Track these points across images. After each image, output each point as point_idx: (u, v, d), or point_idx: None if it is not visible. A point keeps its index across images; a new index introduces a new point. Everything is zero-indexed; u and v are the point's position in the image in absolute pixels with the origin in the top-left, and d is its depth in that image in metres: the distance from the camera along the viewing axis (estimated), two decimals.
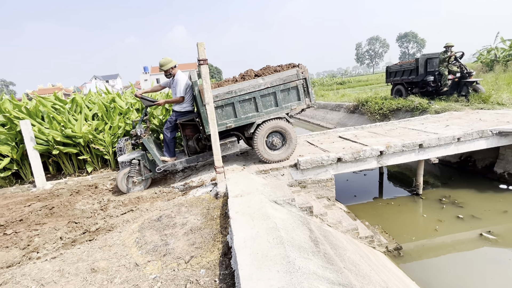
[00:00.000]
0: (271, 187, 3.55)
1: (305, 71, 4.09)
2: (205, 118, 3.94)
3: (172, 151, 4.47)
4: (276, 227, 2.36)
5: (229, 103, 4.00)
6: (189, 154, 4.44)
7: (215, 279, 2.08)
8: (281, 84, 4.04)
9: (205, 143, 4.43)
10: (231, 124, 4.07)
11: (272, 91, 4.05)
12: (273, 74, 4.06)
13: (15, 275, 2.37)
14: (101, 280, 2.20)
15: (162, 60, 4.27)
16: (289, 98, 4.15)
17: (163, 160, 4.35)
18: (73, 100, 6.31)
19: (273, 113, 4.13)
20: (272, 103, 4.12)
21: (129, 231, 2.97)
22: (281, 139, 4.29)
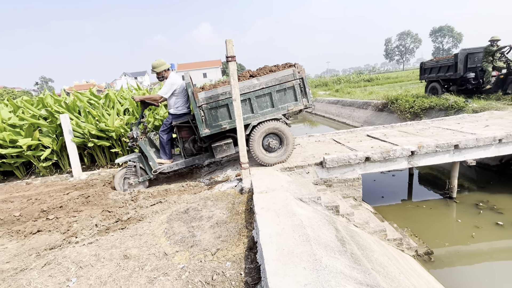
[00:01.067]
0: (296, 184, 3.52)
1: (301, 70, 3.97)
2: (199, 120, 3.93)
3: (168, 153, 4.46)
4: (302, 225, 2.35)
5: (223, 104, 3.93)
6: (186, 156, 4.43)
7: (241, 272, 2.11)
8: (277, 84, 3.94)
9: (200, 145, 4.39)
10: (225, 126, 4.01)
11: (267, 92, 3.95)
12: (268, 74, 3.96)
13: (57, 257, 2.56)
14: (133, 267, 2.32)
15: (155, 62, 4.23)
16: (285, 98, 4.03)
17: (160, 163, 4.36)
18: (107, 96, 6.66)
19: (269, 114, 4.04)
20: (267, 104, 4.02)
21: (158, 221, 3.09)
22: (278, 141, 4.17)
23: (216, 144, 4.09)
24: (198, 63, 60.47)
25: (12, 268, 2.48)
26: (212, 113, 3.94)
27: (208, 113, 3.92)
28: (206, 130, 3.97)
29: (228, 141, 4.12)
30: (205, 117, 3.92)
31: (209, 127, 3.97)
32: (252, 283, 1.98)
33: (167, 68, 4.26)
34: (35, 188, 5.09)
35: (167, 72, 4.29)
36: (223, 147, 4.10)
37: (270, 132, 4.05)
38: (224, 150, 4.11)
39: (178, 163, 4.33)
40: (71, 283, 2.19)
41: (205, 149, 4.41)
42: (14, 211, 3.89)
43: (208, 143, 4.27)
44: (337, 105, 16.94)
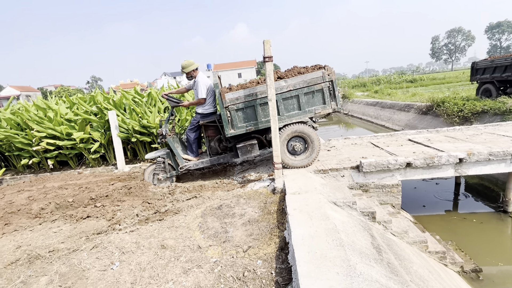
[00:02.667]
0: (330, 187, 3.44)
1: (331, 73, 3.84)
2: (225, 121, 3.96)
3: (195, 151, 4.56)
4: (336, 229, 2.29)
5: (250, 105, 3.91)
6: (211, 154, 4.48)
7: (272, 272, 2.12)
8: (305, 86, 3.84)
9: (226, 144, 4.39)
10: (251, 127, 4.00)
11: (295, 94, 3.87)
12: (296, 76, 3.88)
13: (103, 241, 2.79)
14: (169, 256, 2.45)
15: (184, 62, 4.36)
16: (313, 101, 3.92)
17: (186, 159, 4.46)
18: (149, 95, 7.07)
19: (295, 117, 3.96)
20: (294, 106, 3.94)
21: (193, 215, 3.22)
22: (303, 145, 4.08)
23: (241, 144, 4.11)
24: (233, 63, 61.68)
25: (66, 248, 2.76)
26: (238, 114, 3.96)
27: (234, 114, 3.94)
28: (232, 131, 3.99)
29: (252, 142, 4.11)
30: (231, 117, 3.94)
31: (234, 127, 3.99)
32: (283, 283, 1.98)
33: (195, 67, 4.38)
34: (85, 178, 5.59)
35: (196, 71, 4.42)
36: (247, 148, 4.10)
37: (295, 135, 3.99)
38: (248, 151, 4.11)
39: (204, 161, 4.41)
40: (114, 266, 2.37)
41: (230, 149, 4.44)
42: (68, 197, 4.31)
43: (233, 143, 4.29)
44: (376, 107, 16.16)
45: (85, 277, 2.28)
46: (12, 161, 6.69)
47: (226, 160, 4.43)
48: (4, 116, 6.51)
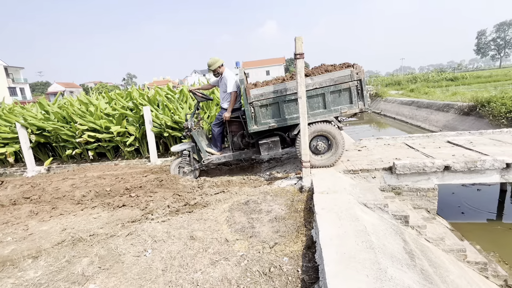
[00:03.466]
0: (360, 188, 3.33)
1: (360, 71, 3.69)
2: (249, 116, 3.95)
3: (218, 145, 4.61)
4: (366, 231, 2.22)
5: (274, 102, 3.88)
6: (234, 149, 4.50)
7: (298, 269, 2.11)
8: (332, 85, 3.74)
9: (248, 140, 4.39)
10: (274, 124, 3.97)
11: (320, 92, 3.78)
12: (323, 74, 3.78)
13: (137, 229, 2.96)
14: (198, 247, 2.53)
15: (209, 60, 4.42)
16: (339, 100, 3.81)
17: (209, 153, 4.52)
18: (181, 91, 7.32)
19: (320, 116, 3.87)
20: (320, 105, 3.85)
21: (221, 209, 3.30)
22: (327, 144, 3.98)
23: (263, 141, 4.09)
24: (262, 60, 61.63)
25: (104, 233, 2.97)
26: (262, 111, 3.95)
27: (258, 110, 3.94)
28: (255, 127, 3.99)
29: (275, 139, 4.08)
30: (255, 113, 3.95)
31: (257, 123, 3.98)
32: (309, 282, 1.97)
33: (220, 64, 4.44)
34: (121, 169, 5.95)
35: (222, 68, 4.47)
36: (269, 145, 4.08)
37: (319, 134, 3.91)
38: (270, 148, 4.09)
39: (226, 155, 4.47)
40: (147, 253, 2.50)
41: (252, 145, 4.44)
42: (106, 187, 4.62)
43: (256, 139, 4.28)
44: (411, 106, 15.32)
45: (121, 261, 2.43)
46: (59, 151, 7.29)
47: (248, 156, 4.46)
48: (52, 110, 7.10)
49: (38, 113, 7.22)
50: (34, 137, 6.82)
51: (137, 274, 2.23)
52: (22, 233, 3.31)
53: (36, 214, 4.09)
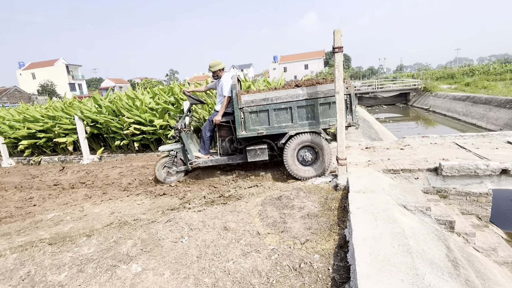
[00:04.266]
0: (400, 189, 3.15)
1: (349, 86, 3.70)
2: (238, 122, 3.95)
3: (207, 148, 4.56)
4: (404, 234, 2.10)
5: (264, 109, 3.90)
6: (221, 154, 4.48)
7: (329, 268, 2.08)
8: (322, 97, 3.76)
9: (236, 146, 4.38)
10: (262, 131, 3.97)
11: (310, 103, 3.79)
12: (314, 86, 3.82)
13: (175, 217, 3.15)
14: (230, 238, 2.62)
15: (212, 62, 4.45)
16: (328, 113, 3.82)
17: (197, 156, 4.48)
18: None
19: (309, 127, 3.87)
20: (309, 116, 3.86)
21: (254, 203, 3.36)
22: (314, 155, 3.99)
23: (251, 147, 4.10)
24: (300, 54, 60.34)
25: (146, 219, 3.21)
26: (251, 117, 3.97)
27: (248, 116, 3.96)
28: (243, 132, 4.01)
29: (262, 147, 4.09)
30: (244, 119, 3.97)
31: (246, 129, 4.01)
32: (340, 281, 1.94)
33: (222, 67, 4.47)
34: None
35: (222, 72, 4.49)
36: (256, 152, 4.09)
37: (306, 144, 3.93)
38: (257, 155, 4.09)
39: (213, 159, 4.43)
40: (184, 240, 2.66)
41: (240, 151, 4.42)
42: (149, 176, 4.97)
43: (244, 145, 4.28)
44: (466, 102, 13.91)
45: (161, 245, 2.62)
46: (109, 142, 7.99)
47: (235, 161, 4.39)
48: (104, 104, 7.79)
49: (92, 107, 7.98)
50: (88, 128, 7.56)
51: (174, 259, 2.39)
52: (79, 214, 3.72)
53: (90, 197, 4.56)
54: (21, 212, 4.17)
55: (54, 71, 47.73)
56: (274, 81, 8.74)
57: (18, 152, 8.64)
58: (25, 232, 3.31)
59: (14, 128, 8.25)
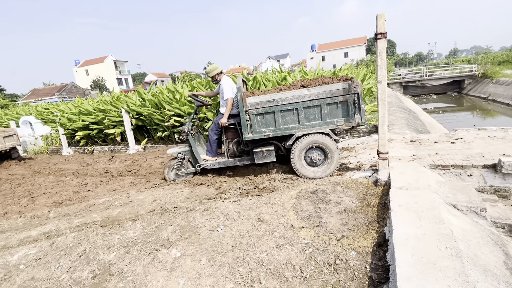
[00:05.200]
0: (450, 187, 2.88)
1: (358, 85, 3.56)
2: (244, 124, 3.91)
3: (214, 151, 4.55)
4: (452, 236, 1.93)
5: (270, 111, 3.85)
6: (228, 156, 4.44)
7: (366, 266, 2.00)
8: (328, 97, 3.67)
9: (243, 148, 4.33)
10: (269, 133, 3.93)
11: (317, 104, 3.72)
12: (320, 86, 3.73)
13: (212, 206, 3.26)
14: (264, 230, 2.64)
15: (208, 68, 4.49)
16: (336, 113, 3.73)
17: (204, 159, 4.49)
18: (255, 78, 7.52)
19: (316, 127, 3.81)
20: (316, 116, 3.79)
21: (288, 196, 3.34)
22: (322, 157, 3.90)
23: (258, 149, 4.06)
24: (340, 42, 57.55)
25: (185, 207, 3.37)
26: (257, 119, 3.92)
27: (254, 119, 3.91)
28: (250, 135, 3.97)
29: (269, 148, 4.04)
30: (250, 121, 3.92)
31: (252, 132, 3.97)
32: (378, 281, 1.85)
33: (219, 71, 4.46)
34: None
35: (220, 75, 4.48)
36: (264, 154, 4.05)
37: (314, 145, 3.84)
38: (264, 157, 4.05)
39: (220, 162, 4.43)
40: (220, 229, 2.74)
41: (247, 153, 4.37)
42: None
43: (251, 147, 4.23)
44: None
45: (198, 233, 2.74)
46: (152, 133, 8.51)
47: (242, 163, 4.37)
48: (147, 97, 8.27)
49: (137, 100, 8.52)
50: (134, 120, 8.10)
51: (210, 246, 2.48)
52: (125, 200, 4.04)
53: (135, 185, 4.92)
54: (78, 196, 4.65)
55: (104, 68, 51.85)
56: (311, 71, 8.50)
57: (75, 142, 9.61)
58: (81, 214, 3.69)
59: (71, 120, 9.17)
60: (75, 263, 2.52)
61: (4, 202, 4.78)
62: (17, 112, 14.90)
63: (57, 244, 2.89)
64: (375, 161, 3.95)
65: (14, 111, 15.74)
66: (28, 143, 10.37)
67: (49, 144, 10.42)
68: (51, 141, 10.45)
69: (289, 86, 4.13)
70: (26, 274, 2.47)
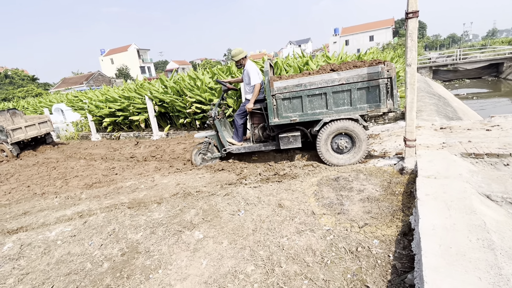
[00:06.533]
0: (484, 177, 2.71)
1: (391, 69, 3.38)
2: (271, 109, 3.85)
3: (240, 136, 4.56)
4: (485, 228, 1.83)
5: (297, 96, 3.76)
6: (254, 141, 4.43)
7: (389, 255, 1.96)
8: (359, 81, 3.51)
9: (268, 133, 4.29)
10: (295, 118, 3.84)
11: (347, 88, 3.57)
12: (350, 70, 3.57)
13: (233, 191, 3.31)
14: (285, 215, 2.65)
15: (233, 51, 4.38)
16: (366, 98, 3.57)
17: (230, 143, 4.48)
18: (276, 64, 7.38)
19: (344, 113, 3.67)
20: (345, 101, 3.65)
21: (309, 183, 3.31)
22: (350, 143, 3.78)
23: (284, 135, 4.00)
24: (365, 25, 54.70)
25: (207, 191, 3.45)
26: (284, 104, 3.84)
27: (281, 103, 3.84)
28: (276, 120, 3.91)
29: (295, 134, 3.97)
30: (277, 106, 3.85)
31: (279, 116, 3.91)
32: (401, 270, 1.81)
33: (244, 56, 4.37)
34: None
35: (245, 60, 4.40)
36: (289, 139, 3.98)
37: (341, 132, 3.73)
38: (290, 142, 3.99)
39: (246, 146, 4.42)
40: (240, 213, 2.79)
41: (272, 138, 4.33)
42: None
43: (277, 132, 4.16)
44: None
45: (219, 216, 2.80)
46: (174, 120, 8.70)
47: (267, 149, 4.32)
48: (169, 85, 8.41)
49: (159, 88, 8.69)
50: (157, 107, 8.31)
51: (231, 230, 2.54)
52: (150, 183, 4.20)
53: (159, 169, 5.09)
54: (107, 179, 4.91)
55: (128, 56, 53.16)
56: (334, 56, 8.20)
57: (102, 128, 10.05)
58: (110, 196, 3.89)
59: (99, 107, 9.56)
60: (105, 241, 2.68)
61: (42, 183, 5.15)
62: (50, 100, 15.78)
63: (89, 223, 3.08)
64: (401, 148, 3.80)
65: (47, 99, 16.67)
66: (60, 129, 11.00)
67: (79, 130, 11.00)
68: (80, 127, 11.01)
69: (318, 70, 4.03)
70: (63, 249, 2.67)
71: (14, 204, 4.24)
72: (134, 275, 2.15)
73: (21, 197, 4.54)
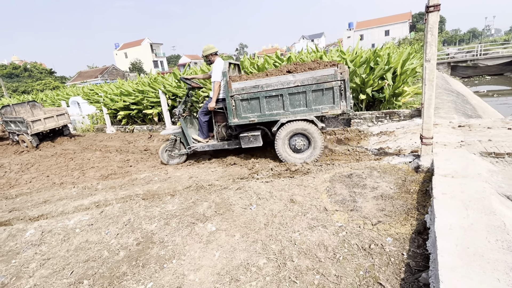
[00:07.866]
0: (504, 177, 2.63)
1: (344, 71, 3.48)
2: (230, 109, 3.94)
3: (205, 133, 4.61)
4: (504, 228, 1.78)
5: (255, 97, 3.84)
6: (218, 139, 4.53)
7: (403, 253, 1.94)
8: (314, 83, 3.60)
9: (231, 132, 4.38)
10: (254, 118, 3.96)
11: (302, 90, 3.67)
12: (305, 72, 3.65)
13: (245, 185, 3.33)
14: (297, 211, 2.66)
15: (204, 46, 4.45)
16: (321, 100, 3.68)
17: (196, 140, 4.54)
18: (289, 59, 7.32)
19: (300, 114, 3.79)
20: (300, 103, 3.76)
21: (321, 179, 3.29)
22: (306, 143, 3.92)
23: (244, 134, 4.10)
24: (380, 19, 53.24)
25: (219, 185, 3.49)
26: (243, 104, 3.91)
27: (239, 104, 3.90)
28: (235, 120, 4.01)
29: (255, 134, 4.07)
30: (235, 107, 3.92)
31: (238, 117, 4.00)
32: (415, 268, 1.79)
33: (214, 52, 4.41)
34: None
35: (214, 56, 4.42)
36: (250, 139, 4.08)
37: (298, 132, 3.85)
38: (250, 141, 4.08)
39: (210, 144, 4.52)
40: (252, 208, 2.81)
41: (235, 137, 4.39)
42: None
43: (239, 131, 4.23)
44: None
45: (231, 210, 2.84)
46: None
47: (231, 147, 4.40)
48: None
49: (172, 82, 8.78)
50: (170, 101, 8.40)
51: (243, 223, 2.57)
52: (164, 176, 4.28)
53: None
54: (122, 171, 5.03)
55: (141, 50, 53.82)
56: (348, 51, 8.05)
57: (117, 121, 10.27)
58: (125, 187, 3.99)
59: (113, 100, 9.76)
60: (121, 231, 2.76)
61: (60, 174, 5.33)
62: (67, 93, 16.21)
63: (106, 213, 3.18)
64: (417, 146, 3.72)
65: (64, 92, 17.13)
66: (76, 121, 11.31)
67: (94, 122, 11.27)
68: (96, 120, 11.28)
69: (276, 70, 4.06)
70: (81, 237, 2.77)
71: (35, 192, 4.41)
72: (149, 264, 2.22)
73: (41, 186, 4.72)
